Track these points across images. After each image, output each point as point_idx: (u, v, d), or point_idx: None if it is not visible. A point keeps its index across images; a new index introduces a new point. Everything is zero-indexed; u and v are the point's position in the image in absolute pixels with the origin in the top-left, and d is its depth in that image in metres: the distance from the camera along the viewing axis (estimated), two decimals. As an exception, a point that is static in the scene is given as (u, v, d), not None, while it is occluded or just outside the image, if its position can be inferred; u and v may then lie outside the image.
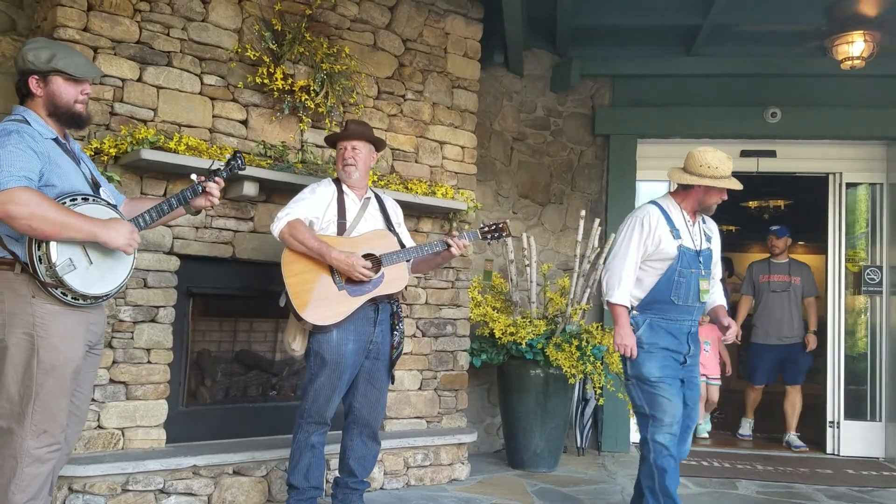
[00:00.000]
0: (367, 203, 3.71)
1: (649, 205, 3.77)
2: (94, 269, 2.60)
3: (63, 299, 2.54)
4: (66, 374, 2.59)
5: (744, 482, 5.05)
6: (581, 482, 4.84)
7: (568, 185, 6.22)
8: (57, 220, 2.44)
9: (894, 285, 6.00)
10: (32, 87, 2.64)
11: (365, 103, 4.58)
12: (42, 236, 2.45)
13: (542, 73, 6.16)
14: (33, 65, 2.62)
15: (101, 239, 2.54)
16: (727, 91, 6.11)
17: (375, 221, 3.69)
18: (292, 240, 3.41)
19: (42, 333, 2.53)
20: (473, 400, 5.50)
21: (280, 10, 4.20)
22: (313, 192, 3.60)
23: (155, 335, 3.77)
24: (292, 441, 3.56)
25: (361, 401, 3.63)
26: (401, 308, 3.71)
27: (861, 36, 4.94)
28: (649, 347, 3.60)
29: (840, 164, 6.25)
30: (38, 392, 2.54)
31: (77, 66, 2.67)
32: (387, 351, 3.65)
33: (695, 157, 3.63)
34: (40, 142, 2.56)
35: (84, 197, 2.60)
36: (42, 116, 2.66)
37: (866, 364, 6.23)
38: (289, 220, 3.44)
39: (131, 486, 3.53)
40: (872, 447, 6.03)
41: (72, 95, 2.68)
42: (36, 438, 2.55)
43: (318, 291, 3.43)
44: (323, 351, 3.46)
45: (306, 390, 3.53)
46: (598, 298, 5.92)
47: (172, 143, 3.70)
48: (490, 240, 3.80)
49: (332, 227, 3.56)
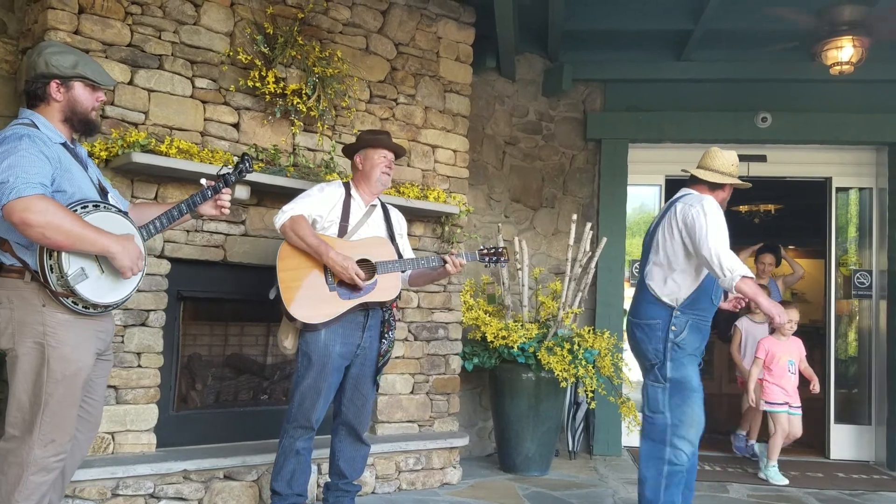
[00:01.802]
0: (373, 210, 3.72)
1: (707, 195, 3.59)
2: (106, 278, 2.57)
3: (74, 308, 2.52)
4: (76, 384, 2.57)
5: (735, 486, 5.06)
6: (573, 486, 4.85)
7: (560, 190, 6.24)
8: (72, 231, 2.40)
9: (884, 289, 6.03)
10: (52, 92, 2.61)
11: (357, 107, 4.58)
12: (55, 246, 2.42)
13: (534, 77, 6.17)
14: (57, 69, 2.59)
15: (112, 255, 2.51)
16: (718, 96, 6.13)
17: (378, 229, 3.69)
18: (292, 234, 3.42)
19: (53, 343, 2.51)
20: (465, 404, 5.49)
21: (272, 13, 4.20)
22: (322, 191, 3.60)
23: (145, 339, 3.76)
24: (278, 446, 3.55)
25: (348, 405, 3.64)
26: (394, 317, 3.69)
27: (850, 41, 4.98)
28: (693, 351, 3.54)
29: (830, 169, 6.29)
30: (47, 402, 2.52)
31: (100, 73, 2.70)
32: (374, 357, 3.63)
33: (724, 157, 3.64)
34: (51, 146, 2.53)
35: (95, 204, 2.57)
36: (54, 121, 2.62)
37: (857, 368, 6.27)
38: (293, 214, 3.45)
39: (121, 491, 3.52)
40: (863, 450, 6.05)
41: (90, 102, 2.68)
42: (43, 448, 2.54)
43: (310, 289, 3.43)
44: (310, 351, 3.46)
45: (293, 393, 3.53)
46: (589, 302, 5.95)
47: (163, 147, 3.69)
48: (488, 263, 3.81)
49: (333, 227, 3.56)
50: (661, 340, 3.60)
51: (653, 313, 3.66)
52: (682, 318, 3.56)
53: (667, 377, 3.58)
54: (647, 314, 3.69)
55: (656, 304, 3.65)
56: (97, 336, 2.66)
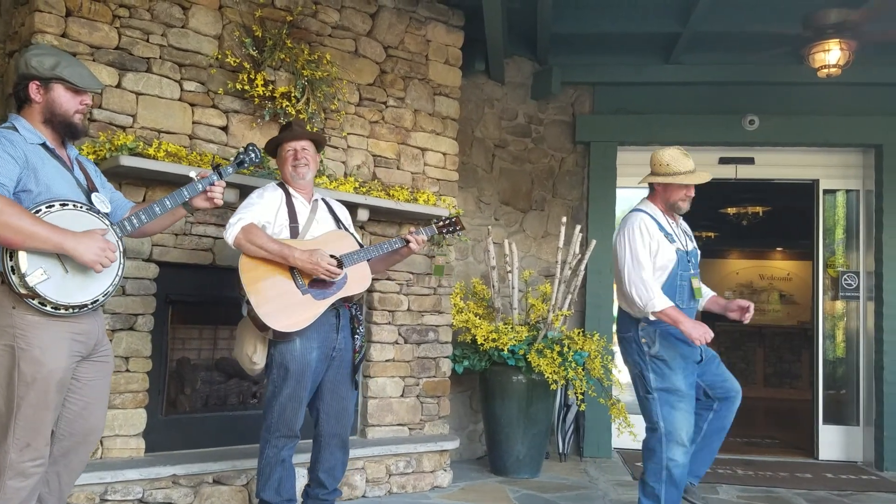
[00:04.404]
0: (316, 206, 3.61)
1: (636, 212, 3.72)
2: (72, 277, 2.52)
3: (42, 309, 2.48)
4: (48, 387, 2.52)
5: (724, 486, 5.07)
6: (563, 488, 4.85)
7: (549, 192, 6.25)
8: (22, 228, 2.37)
9: (871, 290, 6.07)
10: (32, 93, 2.60)
11: (346, 110, 4.58)
12: (7, 244, 2.41)
13: (523, 80, 6.19)
14: (36, 70, 2.59)
15: (69, 252, 2.46)
16: (706, 99, 6.16)
17: (326, 224, 3.59)
18: (249, 245, 3.27)
19: (22, 345, 2.48)
20: (456, 407, 5.49)
21: (260, 16, 4.19)
22: (261, 197, 3.46)
23: (133, 343, 3.74)
24: (260, 455, 3.41)
25: (328, 412, 3.50)
26: (361, 311, 3.61)
27: (837, 44, 5.00)
28: (671, 360, 3.56)
29: (818, 171, 6.33)
30: (19, 405, 2.49)
31: (81, 76, 2.65)
32: (349, 357, 3.52)
33: (653, 158, 3.74)
34: (20, 146, 2.50)
35: (63, 203, 2.53)
36: (34, 123, 2.62)
37: (845, 369, 6.30)
38: (243, 224, 3.30)
39: (110, 496, 3.49)
40: (851, 451, 6.08)
41: (72, 105, 2.65)
42: (19, 452, 2.51)
43: (282, 298, 3.28)
44: (286, 361, 3.31)
45: (270, 405, 3.36)
46: (579, 304, 5.96)
47: (151, 150, 3.67)
48: (446, 234, 3.83)
49: (284, 231, 3.43)
50: (637, 353, 3.67)
51: (625, 326, 3.74)
52: (650, 328, 3.60)
53: (652, 388, 3.61)
54: (621, 327, 3.80)
55: (626, 316, 3.73)
56: (73, 338, 2.58)
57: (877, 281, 5.98)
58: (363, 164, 4.64)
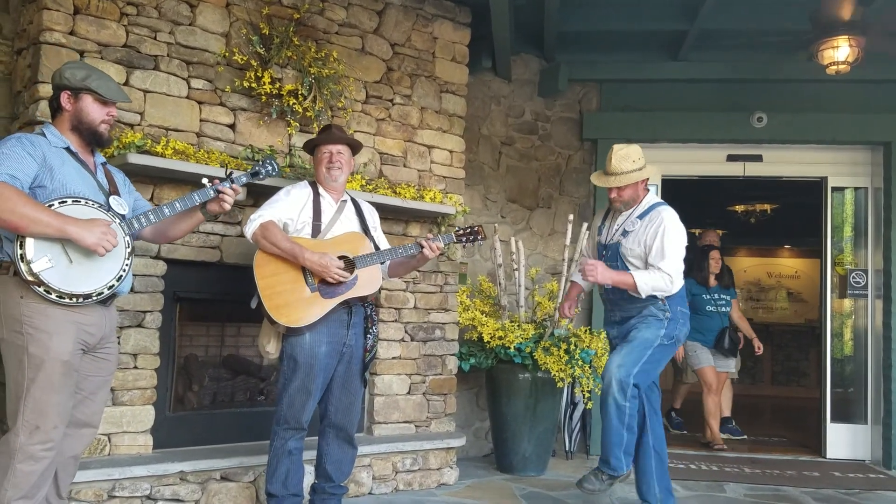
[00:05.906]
0: (344, 206, 3.71)
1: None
2: (76, 267, 2.65)
3: (47, 297, 2.60)
4: (54, 369, 2.64)
5: (732, 485, 5.06)
6: (570, 486, 4.84)
7: (556, 190, 6.24)
8: (26, 213, 2.51)
9: (879, 289, 6.04)
10: (63, 102, 2.80)
11: (353, 107, 4.58)
12: (12, 228, 2.53)
13: (529, 77, 6.18)
14: (68, 81, 2.78)
15: (71, 236, 2.59)
16: (714, 96, 6.14)
17: (351, 224, 3.68)
18: (265, 241, 3.41)
19: (30, 330, 2.62)
20: (462, 404, 5.50)
21: (268, 14, 4.20)
22: (288, 194, 3.60)
23: (141, 340, 3.75)
24: (269, 448, 3.53)
25: (336, 405, 3.61)
26: (376, 312, 3.69)
27: (846, 41, 4.98)
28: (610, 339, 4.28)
29: (826, 169, 6.30)
30: (28, 387, 2.62)
31: (108, 88, 2.83)
32: (360, 354, 3.62)
33: None
34: (40, 147, 2.67)
35: (76, 199, 2.68)
36: (63, 130, 2.81)
37: (853, 367, 6.28)
38: (261, 221, 3.44)
39: (118, 493, 3.51)
40: (859, 450, 6.06)
41: (98, 115, 2.83)
42: (28, 435, 2.62)
43: (291, 293, 3.42)
44: (296, 353, 3.44)
45: (281, 396, 3.50)
46: (585, 302, 5.95)
47: (159, 148, 3.68)
48: (465, 243, 3.83)
49: (307, 228, 3.55)
50: None
51: None
52: None
53: None
54: None
55: None
56: (79, 327, 2.70)
57: (885, 279, 5.96)
58: (370, 161, 4.65)
